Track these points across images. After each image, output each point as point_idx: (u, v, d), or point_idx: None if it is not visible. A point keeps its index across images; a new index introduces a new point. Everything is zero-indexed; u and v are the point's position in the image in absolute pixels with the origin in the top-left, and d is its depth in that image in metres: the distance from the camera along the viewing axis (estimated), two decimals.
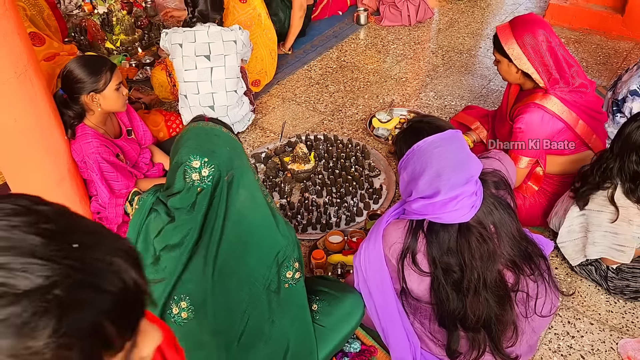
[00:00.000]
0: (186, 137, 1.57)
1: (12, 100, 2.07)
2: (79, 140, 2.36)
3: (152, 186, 1.69)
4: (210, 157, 1.50)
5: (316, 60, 4.08)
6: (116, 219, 2.51)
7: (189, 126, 1.60)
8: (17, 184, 2.38)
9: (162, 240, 1.55)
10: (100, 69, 2.29)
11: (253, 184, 1.58)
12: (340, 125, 3.35)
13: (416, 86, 3.72)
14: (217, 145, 1.54)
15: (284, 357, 1.67)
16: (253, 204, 1.57)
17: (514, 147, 2.26)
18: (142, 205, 1.62)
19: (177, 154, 1.54)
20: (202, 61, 2.94)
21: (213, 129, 1.58)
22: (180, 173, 1.51)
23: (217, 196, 1.50)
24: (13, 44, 1.99)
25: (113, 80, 2.32)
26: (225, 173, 1.51)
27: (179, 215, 1.52)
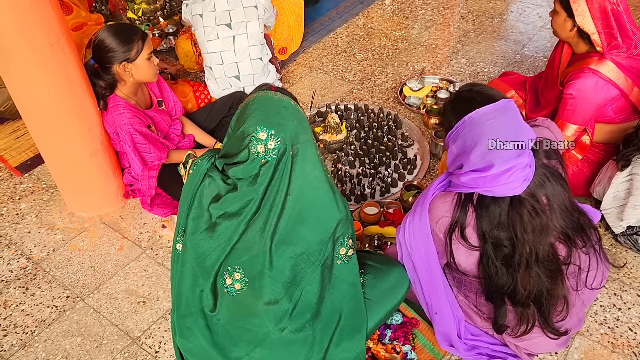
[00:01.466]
0: (253, 106, 1.52)
1: (45, 70, 2.04)
2: (111, 112, 2.33)
3: (207, 151, 1.66)
4: (277, 130, 1.46)
5: (342, 27, 3.97)
6: (149, 191, 2.50)
7: (257, 95, 1.55)
8: (51, 156, 2.37)
9: (221, 208, 1.53)
10: (132, 37, 2.24)
11: (316, 160, 1.54)
12: (370, 94, 3.27)
13: (447, 53, 3.61)
14: (285, 118, 1.49)
15: (333, 332, 1.65)
16: (315, 179, 1.53)
17: (562, 114, 2.17)
18: (197, 170, 1.59)
19: (243, 122, 1.49)
20: (224, 30, 2.86)
21: (281, 100, 1.53)
22: (245, 143, 1.47)
23: (280, 170, 1.47)
24: (45, 12, 1.94)
25: (145, 49, 2.27)
26: (290, 147, 1.47)
27: (241, 185, 1.50)
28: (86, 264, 2.32)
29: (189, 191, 1.62)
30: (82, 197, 2.52)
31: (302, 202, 1.52)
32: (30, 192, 2.69)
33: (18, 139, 3.03)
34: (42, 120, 2.20)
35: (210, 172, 1.59)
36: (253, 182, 1.48)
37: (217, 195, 1.58)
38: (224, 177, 1.58)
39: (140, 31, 2.28)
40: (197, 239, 1.58)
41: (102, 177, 2.45)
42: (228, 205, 1.52)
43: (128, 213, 2.56)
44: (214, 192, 1.58)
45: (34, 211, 2.59)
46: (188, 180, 1.64)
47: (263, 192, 1.48)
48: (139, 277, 2.25)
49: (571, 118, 2.15)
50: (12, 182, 2.75)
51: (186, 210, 1.63)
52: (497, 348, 1.84)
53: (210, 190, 1.59)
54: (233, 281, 1.55)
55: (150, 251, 2.36)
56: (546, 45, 3.61)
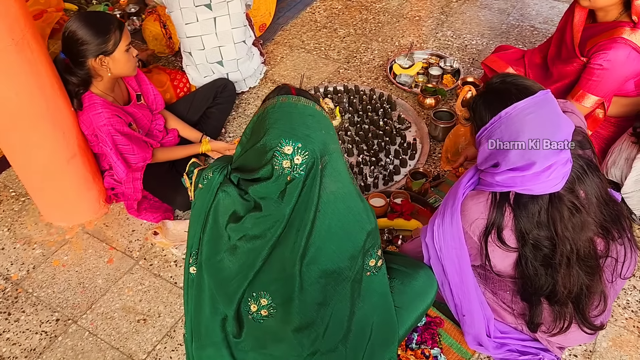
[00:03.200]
0: (275, 115, 1.33)
1: (12, 71, 1.79)
2: (88, 112, 2.09)
3: (215, 162, 1.48)
4: (304, 142, 1.28)
5: (319, 0, 3.75)
6: (135, 195, 2.29)
7: (276, 101, 1.36)
8: (22, 165, 2.13)
9: (241, 229, 1.37)
10: (108, 27, 1.99)
11: (345, 170, 1.39)
12: (357, 73, 3.10)
13: (431, 25, 3.46)
14: (312, 127, 1.32)
15: (365, 346, 1.54)
16: (345, 192, 1.38)
17: (585, 85, 2.07)
18: (209, 185, 1.42)
19: (263, 134, 1.31)
20: (204, 11, 2.61)
21: (306, 107, 1.35)
22: (267, 158, 1.30)
23: (308, 185, 1.30)
24: (6, 5, 1.68)
25: (123, 40, 2.03)
26: (319, 160, 1.30)
27: (265, 205, 1.33)
28: (73, 280, 2.11)
29: (200, 209, 1.45)
30: (60, 206, 2.28)
31: (331, 217, 1.37)
32: None
33: None
34: (11, 128, 1.95)
35: (225, 187, 1.42)
36: (278, 202, 1.32)
37: (234, 213, 1.41)
38: (241, 192, 1.41)
39: (116, 20, 2.03)
40: (216, 264, 1.41)
41: (82, 183, 2.22)
42: (250, 226, 1.36)
43: (113, 220, 2.34)
44: (229, 208, 1.42)
45: (5, 224, 2.33)
46: (199, 196, 1.46)
47: (290, 212, 1.32)
48: (135, 291, 2.07)
49: (595, 89, 2.05)
50: None
51: (199, 231, 1.45)
52: (527, 344, 1.78)
53: (225, 206, 1.42)
54: (259, 307, 1.41)
55: (144, 262, 2.17)
56: (531, 13, 3.51)
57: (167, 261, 2.17)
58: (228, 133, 2.74)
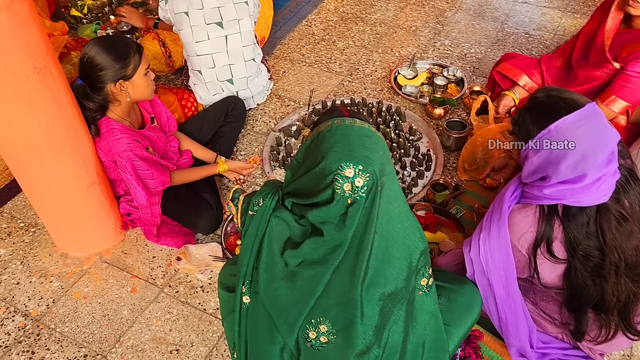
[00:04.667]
0: (332, 139, 1.31)
1: (34, 100, 1.72)
2: (106, 137, 2.02)
3: (265, 187, 1.45)
4: (365, 164, 1.27)
5: (313, 13, 3.75)
6: (153, 219, 2.23)
7: (331, 124, 1.34)
8: (39, 197, 2.05)
9: (300, 255, 1.34)
10: (127, 51, 1.94)
11: (399, 190, 1.37)
12: (362, 85, 3.10)
13: (429, 35, 3.49)
14: (370, 149, 1.30)
15: None
16: (400, 212, 1.36)
17: (617, 90, 2.11)
18: (261, 212, 1.39)
19: (322, 158, 1.28)
20: (215, 29, 2.57)
21: (363, 129, 1.33)
22: (327, 182, 1.27)
23: (368, 207, 1.29)
24: (29, 32, 1.62)
25: (142, 64, 1.98)
26: (379, 182, 1.29)
27: (326, 229, 1.30)
28: (97, 313, 2.04)
29: (253, 236, 1.41)
30: (77, 235, 2.20)
31: (389, 238, 1.36)
32: (6, 235, 2.33)
33: None
34: (30, 158, 1.87)
35: (278, 213, 1.39)
36: (340, 226, 1.30)
37: (289, 239, 1.38)
38: (295, 217, 1.38)
39: (135, 44, 1.98)
40: (274, 292, 1.38)
41: (99, 211, 2.15)
42: (309, 252, 1.33)
43: (131, 247, 2.27)
44: (284, 235, 1.39)
45: (18, 257, 2.24)
46: (250, 223, 1.42)
47: (352, 236, 1.30)
48: (164, 321, 2.01)
49: (628, 96, 2.10)
50: None
51: (253, 260, 1.42)
52: (569, 352, 1.79)
53: (279, 232, 1.39)
54: (318, 334, 1.38)
55: (169, 289, 2.11)
56: (524, 20, 3.58)
57: (193, 287, 2.11)
58: (239, 151, 2.70)
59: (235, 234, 2.27)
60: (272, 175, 2.54)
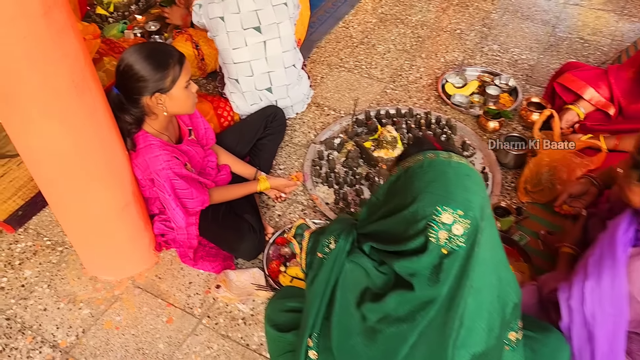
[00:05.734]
0: (426, 177, 1.11)
1: (71, 117, 1.55)
2: (144, 154, 1.85)
3: (335, 225, 1.26)
4: (465, 209, 1.07)
5: (350, 14, 3.54)
6: (189, 242, 2.05)
7: (423, 159, 1.14)
8: (71, 219, 1.88)
9: (381, 309, 1.15)
10: (166, 61, 1.75)
11: (497, 235, 1.18)
12: (407, 94, 2.90)
13: (475, 39, 3.28)
14: (470, 190, 1.11)
15: None
16: (497, 261, 1.17)
17: None
18: (334, 255, 1.22)
19: (413, 200, 1.09)
20: (253, 35, 2.38)
21: (461, 165, 1.14)
22: (419, 228, 1.08)
23: (465, 258, 1.09)
24: (68, 42, 1.44)
25: (182, 76, 1.79)
26: (480, 228, 1.09)
27: (417, 283, 1.11)
28: (131, 346, 1.87)
29: (323, 283, 1.23)
30: (107, 258, 2.03)
31: (484, 292, 1.16)
32: (32, 254, 2.16)
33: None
34: (62, 180, 1.70)
35: (354, 258, 1.20)
36: (433, 280, 1.11)
37: (367, 289, 1.19)
38: (374, 263, 1.19)
39: (177, 53, 1.79)
40: (350, 350, 1.20)
41: (133, 232, 1.98)
42: (394, 307, 1.14)
43: (165, 271, 2.10)
44: (361, 283, 1.20)
45: (44, 279, 2.08)
46: (322, 268, 1.24)
47: (446, 291, 1.11)
48: (204, 357, 1.83)
49: None
50: (6, 242, 2.21)
51: (324, 310, 1.23)
52: None
53: (355, 280, 1.21)
54: None
55: (208, 320, 1.93)
56: (577, 24, 3.35)
57: (234, 319, 1.93)
58: (278, 164, 2.52)
59: (278, 258, 2.09)
60: (315, 192, 2.35)
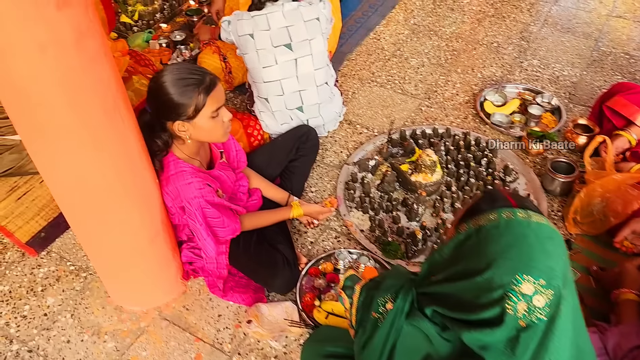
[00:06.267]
0: (503, 240, 0.99)
1: (100, 147, 1.45)
2: (175, 181, 1.74)
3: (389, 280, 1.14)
4: (548, 278, 0.95)
5: (381, 25, 3.42)
6: (219, 271, 1.95)
7: (498, 217, 1.01)
8: (98, 251, 1.78)
9: None
10: (191, 88, 1.64)
11: (577, 302, 1.05)
12: (443, 111, 2.77)
13: (513, 53, 3.13)
14: (553, 255, 0.98)
15: None
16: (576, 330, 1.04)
17: None
18: (392, 317, 1.10)
19: (487, 265, 0.97)
20: (283, 53, 2.26)
21: (541, 226, 1.01)
22: (494, 298, 0.96)
23: (546, 332, 0.97)
24: (100, 69, 1.34)
25: (208, 106, 1.67)
26: (563, 297, 0.97)
27: (489, 357, 0.99)
28: None
29: (379, 347, 1.11)
30: (133, 287, 1.94)
31: None
32: (55, 280, 2.08)
33: (20, 200, 2.38)
34: (90, 211, 1.60)
35: (414, 321, 1.08)
36: (508, 354, 0.98)
37: (428, 356, 1.07)
38: (437, 328, 1.07)
39: (207, 80, 1.66)
40: None
41: (162, 261, 1.88)
42: None
43: (193, 301, 2.00)
44: (420, 349, 1.08)
45: (67, 308, 1.98)
46: (377, 331, 1.12)
47: None
48: None
49: None
50: (28, 266, 2.13)
51: None
52: None
53: (414, 346, 1.09)
54: None
55: (239, 357, 1.83)
56: (621, 38, 3.19)
57: (266, 356, 1.82)
58: (310, 186, 2.40)
59: (312, 290, 1.98)
60: (349, 218, 2.23)
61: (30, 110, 1.32)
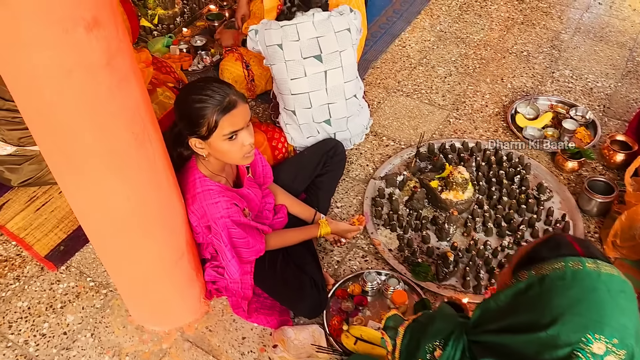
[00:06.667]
0: (570, 294, 0.91)
1: (127, 172, 1.39)
2: (201, 200, 1.68)
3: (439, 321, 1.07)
4: (621, 336, 0.88)
5: (406, 31, 3.32)
6: (243, 292, 1.89)
7: (564, 268, 0.94)
8: (121, 269, 1.72)
9: None
10: (205, 107, 1.56)
11: None
12: (472, 124, 2.67)
13: (544, 62, 3.03)
14: (626, 311, 0.91)
15: None
16: None
17: None
18: None
19: (552, 321, 0.90)
20: (313, 64, 2.19)
21: (612, 279, 0.94)
22: (560, 356, 0.89)
23: None
24: (129, 91, 1.27)
25: (222, 127, 1.57)
26: (636, 355, 0.89)
27: None
28: None
29: None
30: (156, 308, 1.88)
31: None
32: (74, 296, 2.02)
33: (39, 211, 2.33)
34: (116, 234, 1.54)
35: None
36: None
37: None
38: None
39: (227, 99, 1.57)
40: None
41: (185, 282, 1.82)
42: None
43: (216, 322, 1.93)
44: None
45: (88, 327, 1.93)
46: None
47: None
48: None
49: None
50: (47, 281, 2.08)
51: None
52: None
53: None
54: None
55: None
56: None
57: None
58: (335, 202, 2.33)
59: (339, 313, 1.91)
60: (376, 236, 2.16)
61: (55, 135, 1.26)
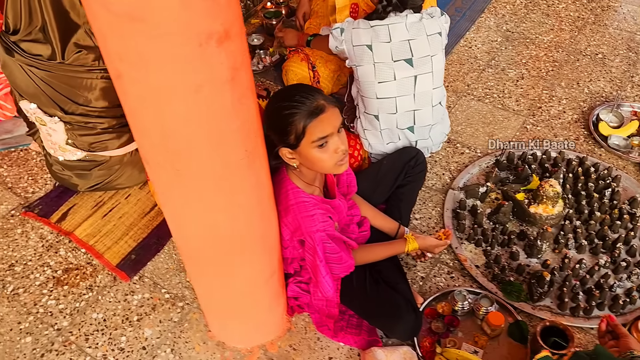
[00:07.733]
0: None
1: (236, 190, 1.30)
2: (295, 212, 1.59)
3: None
4: None
5: (471, 31, 3.19)
6: (329, 310, 1.81)
7: None
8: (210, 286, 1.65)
9: None
10: (290, 114, 1.47)
11: None
12: (551, 131, 2.54)
13: (621, 65, 2.88)
14: None
15: None
16: None
17: None
18: None
19: None
20: (403, 68, 2.07)
21: None
22: None
23: None
24: (247, 106, 1.18)
25: (310, 133, 1.48)
26: None
27: None
28: None
29: None
30: (239, 325, 1.80)
31: None
32: (150, 308, 1.96)
33: (106, 218, 2.26)
34: (213, 255, 1.46)
35: None
36: None
37: None
38: None
39: (315, 103, 1.47)
40: None
41: (273, 300, 1.74)
42: None
43: (300, 340, 1.85)
44: None
45: (167, 342, 1.86)
46: None
47: None
48: None
49: None
50: (121, 292, 2.01)
51: None
52: None
53: None
54: None
55: None
56: None
57: None
58: (413, 213, 2.22)
59: (429, 334, 1.81)
60: (460, 251, 2.05)
61: (169, 151, 1.17)
